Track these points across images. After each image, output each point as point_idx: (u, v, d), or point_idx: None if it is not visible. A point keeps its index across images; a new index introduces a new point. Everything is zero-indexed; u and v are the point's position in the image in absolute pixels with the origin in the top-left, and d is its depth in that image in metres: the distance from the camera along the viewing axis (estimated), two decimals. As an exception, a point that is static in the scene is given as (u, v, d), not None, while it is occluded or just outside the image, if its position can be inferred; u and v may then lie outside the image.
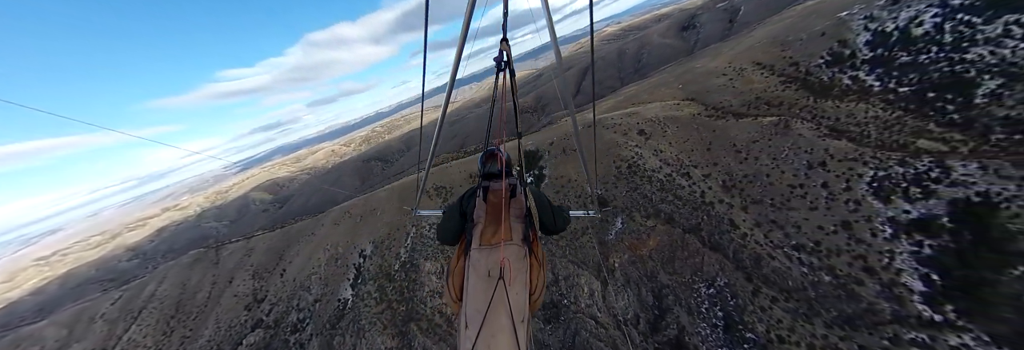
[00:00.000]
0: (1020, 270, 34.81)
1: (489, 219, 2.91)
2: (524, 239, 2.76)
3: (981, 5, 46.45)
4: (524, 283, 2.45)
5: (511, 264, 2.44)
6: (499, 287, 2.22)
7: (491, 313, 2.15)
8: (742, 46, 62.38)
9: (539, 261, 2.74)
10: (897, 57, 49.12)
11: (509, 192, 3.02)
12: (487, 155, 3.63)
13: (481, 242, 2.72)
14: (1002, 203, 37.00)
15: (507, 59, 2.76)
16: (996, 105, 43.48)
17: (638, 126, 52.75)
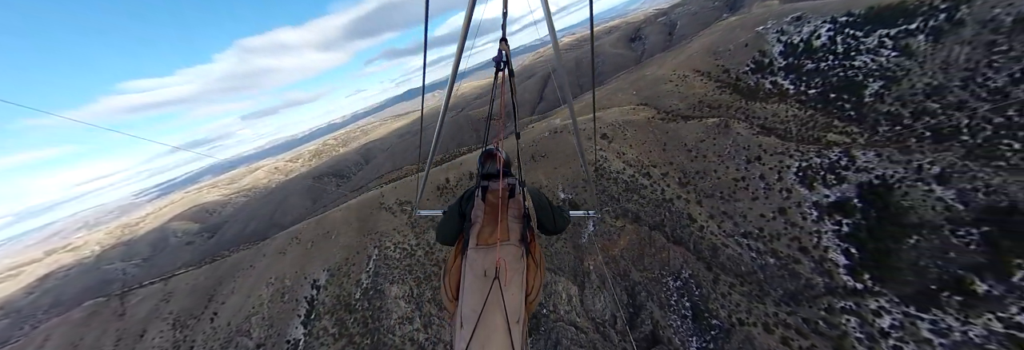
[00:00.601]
0: (914, 239, 40.65)
1: (487, 219, 2.79)
2: (521, 239, 2.66)
3: (861, 21, 54.08)
4: (520, 283, 2.37)
5: (507, 264, 2.37)
6: (495, 287, 2.16)
7: (486, 313, 2.08)
8: (683, 56, 67.01)
9: (536, 262, 2.64)
10: (804, 64, 55.48)
11: (507, 192, 2.91)
12: (486, 155, 3.50)
13: (478, 242, 2.63)
14: (895, 184, 42.97)
15: (506, 59, 2.73)
16: (880, 103, 50.93)
17: (601, 130, 53.55)
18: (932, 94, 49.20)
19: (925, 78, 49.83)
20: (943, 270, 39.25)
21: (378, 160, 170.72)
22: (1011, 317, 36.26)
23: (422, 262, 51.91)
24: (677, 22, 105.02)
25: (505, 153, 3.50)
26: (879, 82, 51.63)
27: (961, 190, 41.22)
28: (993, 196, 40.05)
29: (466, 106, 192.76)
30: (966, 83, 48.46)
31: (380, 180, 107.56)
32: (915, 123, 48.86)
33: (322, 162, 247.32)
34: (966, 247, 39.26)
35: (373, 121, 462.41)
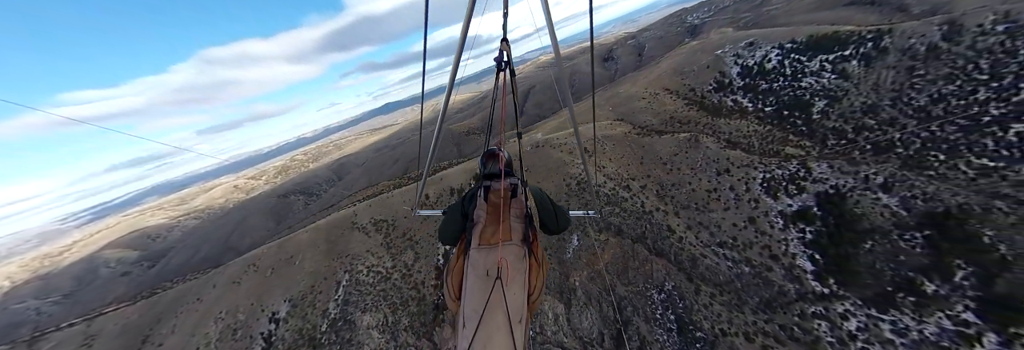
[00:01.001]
0: (869, 244, 43.08)
1: (489, 219, 2.76)
2: (524, 239, 2.63)
3: (803, 48, 59.24)
4: (523, 283, 2.35)
5: (510, 264, 2.36)
6: (496, 287, 2.16)
7: (488, 313, 2.07)
8: (653, 75, 70.33)
9: (538, 262, 2.60)
10: (759, 85, 59.54)
11: (510, 192, 2.87)
12: (488, 155, 3.43)
13: (480, 242, 2.61)
14: (847, 193, 45.82)
15: (507, 59, 2.70)
16: (826, 119, 55.20)
17: (581, 145, 54.00)
18: (868, 111, 54.07)
19: (861, 97, 54.89)
20: (896, 272, 41.64)
21: (352, 176, 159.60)
22: (957, 315, 38.67)
23: (399, 286, 48.14)
24: (645, 44, 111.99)
25: (507, 153, 3.45)
26: (824, 101, 56.21)
27: (903, 197, 44.55)
28: (930, 202, 43.57)
29: (447, 120, 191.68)
30: (895, 102, 53.77)
31: (353, 197, 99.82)
32: (857, 137, 53.21)
33: (289, 179, 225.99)
34: (913, 250, 42.03)
35: (347, 135, 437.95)
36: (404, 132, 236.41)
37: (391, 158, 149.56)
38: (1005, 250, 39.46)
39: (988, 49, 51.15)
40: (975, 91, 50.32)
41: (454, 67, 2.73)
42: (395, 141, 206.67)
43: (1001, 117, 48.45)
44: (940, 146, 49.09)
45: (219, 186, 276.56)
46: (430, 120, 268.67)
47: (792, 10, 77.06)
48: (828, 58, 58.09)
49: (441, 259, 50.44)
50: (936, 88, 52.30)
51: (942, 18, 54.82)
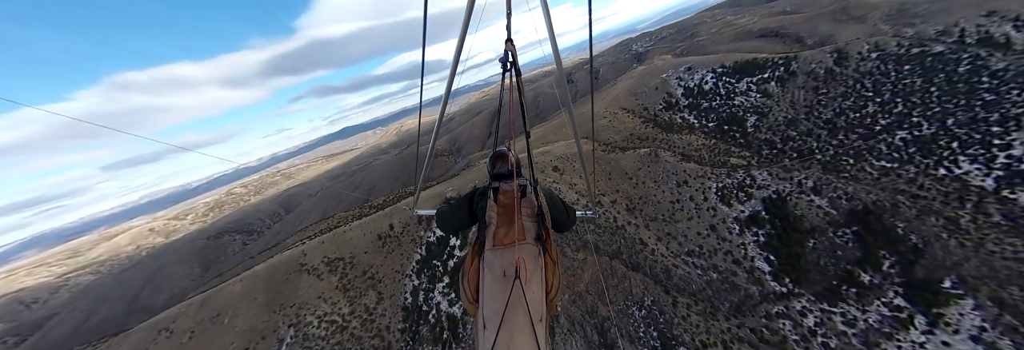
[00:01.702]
0: (812, 242, 46.30)
1: (501, 220, 2.71)
2: (537, 238, 2.58)
3: (731, 72, 65.52)
4: (540, 282, 2.31)
5: (526, 263, 2.30)
6: (516, 287, 2.12)
7: (509, 313, 2.03)
8: (610, 96, 73.84)
9: (553, 260, 2.57)
10: (701, 103, 64.46)
11: (520, 192, 2.85)
12: (496, 156, 3.30)
13: (494, 243, 2.54)
14: (787, 197, 49.47)
15: (513, 60, 2.67)
16: (758, 132, 60.59)
17: (552, 163, 53.87)
18: (790, 125, 60.35)
19: (783, 113, 61.38)
20: (837, 266, 44.88)
21: (303, 208, 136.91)
22: (891, 301, 42.02)
23: (358, 335, 41.49)
24: (599, 69, 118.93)
25: (515, 154, 3.33)
26: (754, 116, 61.98)
27: (831, 198, 48.99)
28: (851, 201, 48.29)
29: (413, 142, 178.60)
30: (808, 116, 60.64)
31: (303, 234, 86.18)
32: (784, 147, 58.75)
33: (223, 216, 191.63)
34: (846, 245, 45.80)
35: (298, 163, 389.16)
36: (365, 157, 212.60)
37: (349, 185, 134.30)
38: (915, 239, 44.38)
39: (869, 71, 60.32)
40: (866, 105, 58.50)
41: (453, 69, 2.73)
42: (354, 167, 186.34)
43: (887, 126, 56.44)
44: (849, 152, 55.58)
45: (130, 230, 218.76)
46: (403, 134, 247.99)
47: (716, 40, 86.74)
48: (752, 80, 64.90)
49: (408, 297, 45.49)
50: (837, 104, 60.13)
51: (832, 47, 64.04)
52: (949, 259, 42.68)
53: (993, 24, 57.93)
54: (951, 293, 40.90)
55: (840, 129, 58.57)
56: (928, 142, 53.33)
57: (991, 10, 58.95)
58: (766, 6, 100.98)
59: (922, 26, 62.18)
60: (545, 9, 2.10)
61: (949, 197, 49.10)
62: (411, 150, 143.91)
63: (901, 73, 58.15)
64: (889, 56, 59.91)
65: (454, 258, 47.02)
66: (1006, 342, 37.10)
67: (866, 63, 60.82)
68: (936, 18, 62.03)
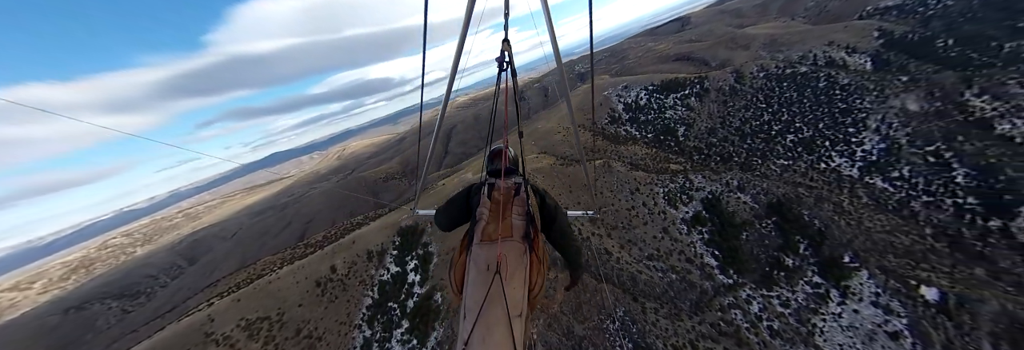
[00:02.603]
0: (745, 235, 50.30)
1: (492, 216, 2.68)
2: (525, 236, 2.54)
3: (659, 89, 71.29)
4: (523, 279, 2.29)
5: (509, 260, 2.31)
6: (496, 281, 2.13)
7: (487, 306, 2.03)
8: (561, 112, 75.72)
9: (540, 259, 2.53)
10: (640, 117, 68.81)
11: (513, 190, 2.80)
12: (493, 153, 3.36)
13: (482, 238, 2.53)
14: (720, 196, 53.57)
15: (509, 59, 2.67)
16: (688, 141, 66.13)
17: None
18: (710, 133, 67.08)
19: (704, 123, 68.24)
20: (767, 254, 49.19)
21: (213, 256, 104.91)
22: (811, 279, 46.87)
23: None
24: (548, 87, 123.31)
25: (513, 151, 3.26)
26: (683, 127, 67.82)
27: (752, 194, 54.26)
28: (767, 195, 54.02)
29: (358, 167, 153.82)
30: (723, 125, 68.08)
31: (211, 291, 66.13)
32: (709, 152, 64.79)
33: (92, 277, 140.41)
34: (770, 234, 50.64)
35: (209, 199, 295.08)
36: (300, 186, 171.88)
37: (280, 221, 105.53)
38: (818, 223, 50.85)
39: (760, 88, 70.49)
40: (762, 115, 67.76)
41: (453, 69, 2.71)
42: (286, 198, 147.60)
43: (779, 131, 65.80)
44: (756, 153, 63.16)
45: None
46: None
47: (643, 63, 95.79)
48: (677, 96, 71.58)
49: None
50: (741, 114, 68.81)
51: (731, 69, 73.84)
52: (844, 237, 49.48)
53: (834, 50, 72.15)
54: (850, 267, 47.11)
55: (747, 135, 66.78)
56: (809, 142, 63.13)
57: (830, 40, 73.53)
58: (677, 35, 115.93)
59: (788, 52, 75.10)
60: (545, 8, 2.10)
61: (832, 185, 57.90)
62: (357, 175, 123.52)
63: (782, 88, 68.81)
64: (772, 75, 70.65)
65: (415, 296, 41.12)
66: (895, 303, 43.34)
67: (757, 81, 71.02)
68: (796, 47, 75.56)
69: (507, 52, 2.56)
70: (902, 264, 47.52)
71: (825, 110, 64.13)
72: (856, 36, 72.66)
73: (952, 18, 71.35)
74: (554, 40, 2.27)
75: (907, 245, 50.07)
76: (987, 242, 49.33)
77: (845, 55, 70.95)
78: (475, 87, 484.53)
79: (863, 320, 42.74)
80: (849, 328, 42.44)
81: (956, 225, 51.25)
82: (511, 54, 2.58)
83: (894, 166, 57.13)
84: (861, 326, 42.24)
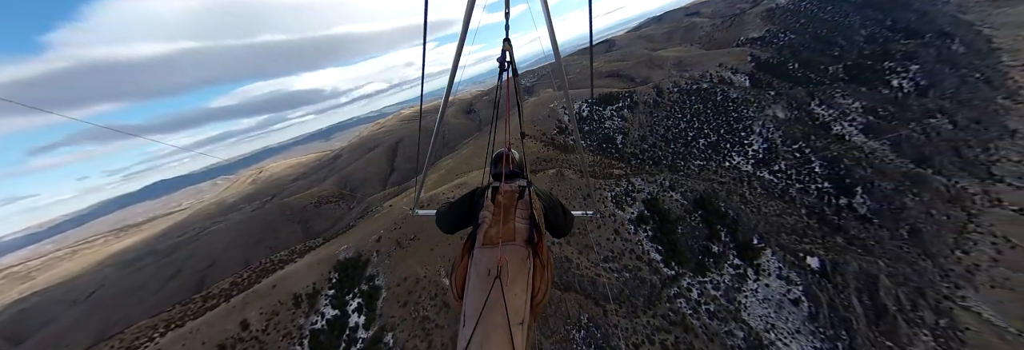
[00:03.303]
0: (680, 229, 55.12)
1: (495, 219, 2.57)
2: (528, 241, 2.41)
3: (598, 102, 76.02)
4: (525, 285, 2.15)
5: (511, 265, 2.18)
6: (496, 286, 2.01)
7: (487, 312, 1.92)
8: (512, 124, 75.14)
9: (543, 264, 2.40)
10: (583, 127, 71.70)
11: (517, 194, 2.72)
12: (496, 157, 3.21)
13: (484, 242, 2.42)
14: (657, 195, 58.07)
15: (510, 59, 2.64)
16: (625, 147, 71.29)
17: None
18: (643, 140, 73.54)
19: (637, 132, 74.66)
20: (698, 244, 54.55)
21: (54, 329, 72.57)
22: (732, 262, 53.12)
23: None
24: (500, 101, 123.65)
25: (517, 154, 3.19)
26: (620, 135, 73.13)
27: (681, 192, 60.07)
28: (693, 192, 60.38)
29: (280, 192, 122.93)
30: (651, 133, 75.22)
31: None
32: (644, 157, 70.73)
33: None
34: (698, 226, 56.40)
35: (52, 249, 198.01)
36: (197, 221, 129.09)
37: (164, 269, 79.25)
38: (731, 213, 58.44)
39: (675, 101, 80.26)
40: (679, 124, 76.94)
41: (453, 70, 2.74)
42: (176, 238, 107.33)
43: (693, 137, 75.39)
44: (679, 156, 70.92)
45: None
46: None
47: (582, 78, 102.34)
48: (613, 108, 77.33)
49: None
50: (664, 123, 77.24)
51: (652, 84, 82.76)
52: (750, 223, 57.64)
53: (723, 71, 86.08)
54: (758, 247, 54.88)
55: (670, 141, 75.02)
56: (716, 145, 73.51)
57: (720, 63, 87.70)
58: (606, 55, 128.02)
59: (692, 71, 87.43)
60: (545, 7, 2.10)
61: (736, 180, 67.77)
62: (279, 201, 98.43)
63: (691, 101, 79.27)
64: (683, 90, 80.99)
65: (359, 342, 34.27)
66: (793, 274, 51.44)
67: (673, 95, 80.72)
68: (697, 67, 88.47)
69: (508, 52, 2.54)
70: (792, 240, 56.97)
71: (723, 118, 75.48)
72: (736, 60, 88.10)
73: (795, 48, 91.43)
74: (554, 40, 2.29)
75: (792, 224, 60.44)
76: (840, 216, 62.29)
77: (731, 74, 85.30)
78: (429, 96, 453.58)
79: (772, 292, 49.52)
80: (764, 300, 48.69)
81: (819, 205, 63.76)
82: (512, 54, 2.56)
83: (775, 161, 69.40)
84: (772, 297, 48.78)
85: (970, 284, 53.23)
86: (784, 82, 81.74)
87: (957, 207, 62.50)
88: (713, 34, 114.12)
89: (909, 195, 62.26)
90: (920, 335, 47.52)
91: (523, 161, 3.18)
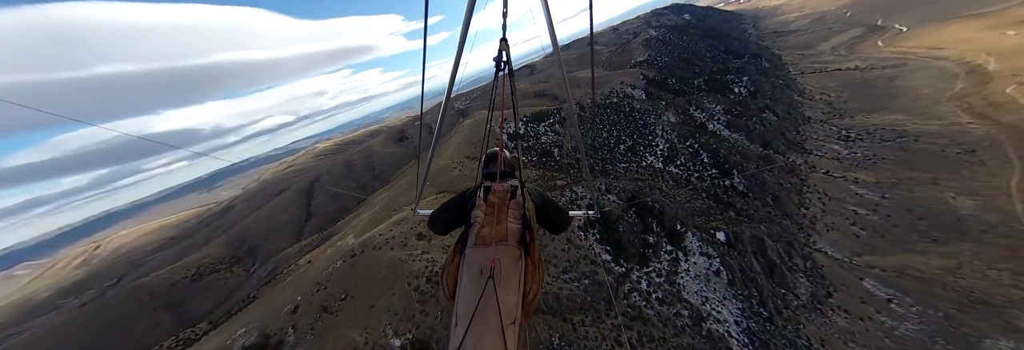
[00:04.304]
0: (621, 227, 59.36)
1: (487, 219, 2.53)
2: (520, 241, 2.40)
3: (533, 119, 78.88)
4: (517, 285, 2.15)
5: (504, 264, 2.16)
6: (489, 287, 1.98)
7: (480, 312, 1.90)
8: (452, 148, 73.12)
9: (535, 264, 2.37)
10: (523, 144, 73.17)
11: (509, 194, 2.67)
12: (489, 156, 3.29)
13: (476, 242, 2.38)
14: (596, 200, 61.77)
15: (506, 59, 2.57)
16: (562, 159, 75.11)
17: (415, 230, 43.86)
18: (575, 151, 78.61)
19: (569, 144, 79.74)
20: (637, 238, 59.45)
21: None
22: (666, 248, 59.16)
23: None
24: (432, 124, 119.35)
25: (509, 154, 3.16)
26: (556, 148, 77.00)
27: (616, 194, 65.26)
28: (626, 192, 66.18)
29: (132, 271, 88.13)
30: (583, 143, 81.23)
31: None
32: (579, 166, 75.38)
33: None
34: (635, 222, 61.67)
35: None
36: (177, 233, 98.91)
37: None
38: (657, 205, 65.83)
39: (597, 114, 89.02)
40: (602, 134, 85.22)
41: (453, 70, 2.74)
42: None
43: (614, 144, 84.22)
44: (608, 162, 77.87)
45: None
46: None
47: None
48: (546, 124, 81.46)
49: None
50: (591, 134, 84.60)
51: (574, 101, 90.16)
52: (671, 212, 65.70)
53: (625, 87, 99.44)
54: (681, 232, 62.63)
55: (598, 149, 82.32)
56: (632, 149, 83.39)
57: (622, 81, 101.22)
58: (531, 77, 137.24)
59: (603, 89, 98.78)
60: (545, 7, 2.06)
61: (653, 176, 77.31)
62: (133, 283, 67.84)
63: (607, 114, 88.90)
64: (600, 105, 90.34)
65: None
66: (710, 249, 59.72)
67: (593, 110, 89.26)
68: (606, 85, 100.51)
69: (505, 52, 2.49)
70: (703, 221, 66.55)
71: (634, 126, 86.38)
72: (632, 78, 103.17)
73: (670, 68, 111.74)
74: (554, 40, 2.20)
75: (699, 207, 70.97)
76: (728, 195, 75.80)
77: (631, 90, 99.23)
78: (349, 126, 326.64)
79: (699, 268, 56.37)
80: (695, 277, 54.94)
81: (713, 188, 76.65)
82: (508, 54, 2.48)
83: (676, 157, 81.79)
84: (700, 273, 55.38)
85: (814, 231, 69.36)
86: (668, 94, 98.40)
87: (794, 176, 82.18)
88: (611, 58, 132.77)
89: (765, 171, 79.60)
90: (799, 278, 59.39)
91: (517, 161, 3.00)
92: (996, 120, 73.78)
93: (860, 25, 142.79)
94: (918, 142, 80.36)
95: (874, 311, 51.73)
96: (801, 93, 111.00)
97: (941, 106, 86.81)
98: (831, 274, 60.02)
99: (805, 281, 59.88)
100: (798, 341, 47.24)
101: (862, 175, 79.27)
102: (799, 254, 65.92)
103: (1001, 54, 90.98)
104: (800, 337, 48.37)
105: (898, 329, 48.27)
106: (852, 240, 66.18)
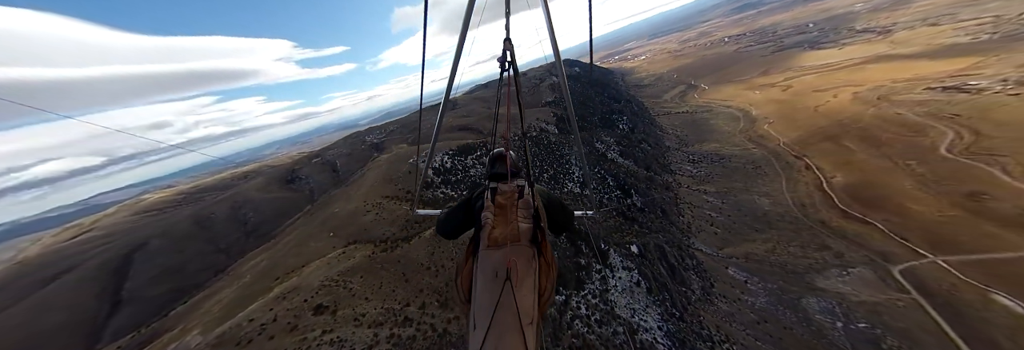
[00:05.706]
0: (557, 255, 63.38)
1: (497, 220, 2.54)
2: (532, 240, 2.41)
3: (458, 153, 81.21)
4: (532, 285, 2.17)
5: (519, 265, 2.17)
6: (506, 288, 2.01)
7: (498, 314, 1.92)
8: (365, 188, 66.13)
9: (548, 262, 2.39)
10: (450, 178, 73.46)
11: (517, 194, 2.70)
12: (495, 157, 3.33)
13: (489, 243, 2.38)
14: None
15: (511, 59, 2.58)
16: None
17: (312, 302, 34.85)
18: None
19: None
20: (572, 262, 64.51)
21: None
22: (595, 268, 65.99)
23: None
24: (336, 161, 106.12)
25: (514, 154, 3.06)
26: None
27: (545, 222, 70.78)
28: (553, 219, 72.63)
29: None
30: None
31: None
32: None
33: None
34: (568, 246, 67.31)
35: None
36: None
37: None
38: (582, 228, 74.70)
39: (519, 146, 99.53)
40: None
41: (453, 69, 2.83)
42: None
43: (539, 173, 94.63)
44: (563, 177, 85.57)
45: None
46: None
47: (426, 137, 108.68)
48: (473, 157, 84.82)
49: None
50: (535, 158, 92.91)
51: (499, 134, 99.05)
52: (594, 231, 75.67)
53: (541, 123, 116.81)
54: (604, 250, 72.05)
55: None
56: (556, 177, 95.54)
57: (538, 117, 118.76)
58: (454, 111, 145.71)
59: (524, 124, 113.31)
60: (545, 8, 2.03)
61: (574, 201, 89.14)
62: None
63: (530, 145, 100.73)
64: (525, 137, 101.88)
65: None
66: (629, 263, 70.19)
67: (516, 141, 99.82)
68: (526, 121, 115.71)
69: (509, 52, 2.46)
70: (619, 237, 78.65)
71: (554, 157, 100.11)
72: (545, 115, 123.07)
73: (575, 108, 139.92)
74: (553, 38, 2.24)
75: (614, 225, 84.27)
76: (631, 211, 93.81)
77: (545, 125, 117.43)
78: (207, 167, 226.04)
79: (624, 282, 64.47)
80: (623, 292, 62.17)
81: (621, 206, 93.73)
82: (513, 54, 2.48)
83: (589, 182, 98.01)
84: (626, 287, 63.19)
85: (691, 234, 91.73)
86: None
87: (671, 192, 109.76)
88: (526, 97, 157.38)
89: (653, 190, 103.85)
90: (691, 276, 75.11)
91: (526, 160, 2.97)
92: (765, 146, 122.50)
93: (683, 83, 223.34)
94: (731, 162, 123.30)
95: (739, 293, 69.83)
96: (661, 129, 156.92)
97: (736, 137, 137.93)
98: (709, 267, 79.18)
99: (696, 277, 76.43)
100: (703, 332, 57.89)
101: (707, 187, 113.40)
102: (687, 254, 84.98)
103: (756, 104, 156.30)
104: (704, 329, 59.48)
105: (756, 304, 66.16)
106: (713, 237, 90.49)
